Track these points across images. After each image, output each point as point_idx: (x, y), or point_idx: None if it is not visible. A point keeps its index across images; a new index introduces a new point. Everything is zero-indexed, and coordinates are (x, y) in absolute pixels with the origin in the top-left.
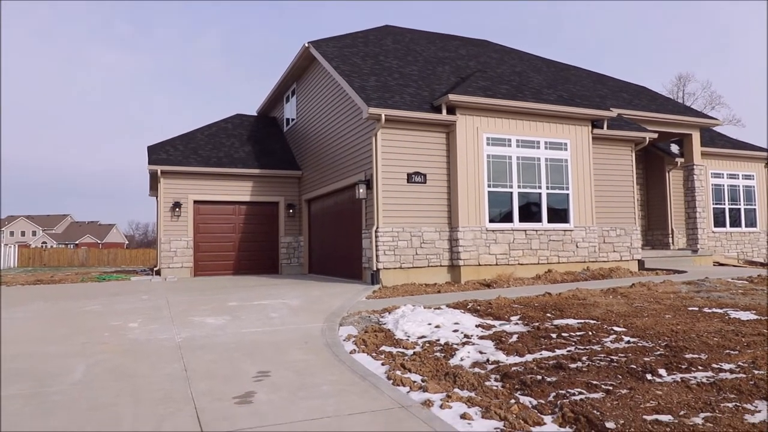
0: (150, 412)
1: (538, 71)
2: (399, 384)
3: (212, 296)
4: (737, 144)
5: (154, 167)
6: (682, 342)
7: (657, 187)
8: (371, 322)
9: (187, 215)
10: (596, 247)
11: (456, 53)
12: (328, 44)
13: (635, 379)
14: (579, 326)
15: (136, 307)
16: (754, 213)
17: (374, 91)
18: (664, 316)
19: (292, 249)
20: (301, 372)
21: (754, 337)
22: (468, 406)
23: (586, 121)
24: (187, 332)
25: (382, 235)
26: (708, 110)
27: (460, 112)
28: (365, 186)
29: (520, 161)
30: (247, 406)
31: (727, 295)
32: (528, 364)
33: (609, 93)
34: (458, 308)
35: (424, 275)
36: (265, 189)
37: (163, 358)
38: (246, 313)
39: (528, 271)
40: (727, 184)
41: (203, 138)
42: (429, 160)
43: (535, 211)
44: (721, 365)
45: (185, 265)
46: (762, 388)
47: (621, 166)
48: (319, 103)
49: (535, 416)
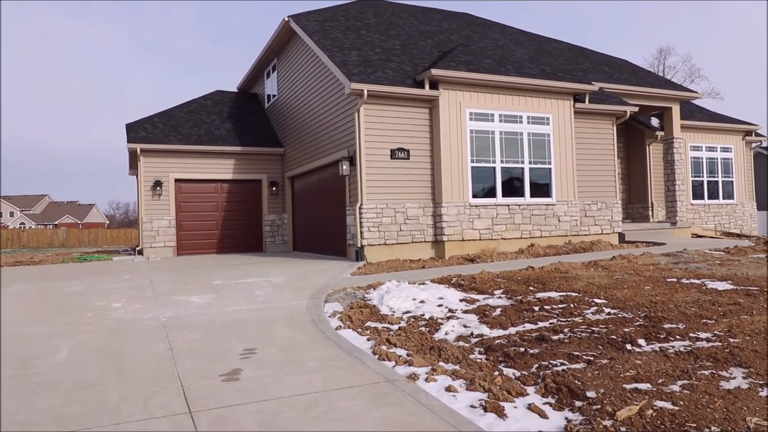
0: (136, 390)
1: (521, 45)
2: (385, 359)
3: (196, 275)
4: (716, 117)
5: (134, 145)
6: (661, 312)
7: (637, 160)
8: (356, 299)
9: (168, 194)
10: (578, 221)
11: (438, 27)
12: (309, 18)
13: (615, 350)
14: (561, 299)
15: (119, 287)
16: (732, 185)
17: (356, 66)
18: (644, 287)
19: (276, 227)
20: (287, 349)
21: (730, 307)
22: (453, 378)
23: (568, 95)
24: (171, 311)
25: (366, 211)
26: (688, 83)
27: (443, 87)
28: (348, 162)
29: (503, 136)
30: (233, 383)
31: (705, 266)
32: (511, 337)
33: (591, 67)
34: (442, 283)
35: (408, 251)
36: (247, 167)
37: (147, 337)
38: (231, 291)
39: (511, 246)
40: (705, 156)
41: (183, 115)
42: (412, 136)
43: (517, 186)
44: (698, 334)
45: (168, 245)
46: (737, 356)
47: (602, 140)
48: (301, 79)
49: (518, 387)
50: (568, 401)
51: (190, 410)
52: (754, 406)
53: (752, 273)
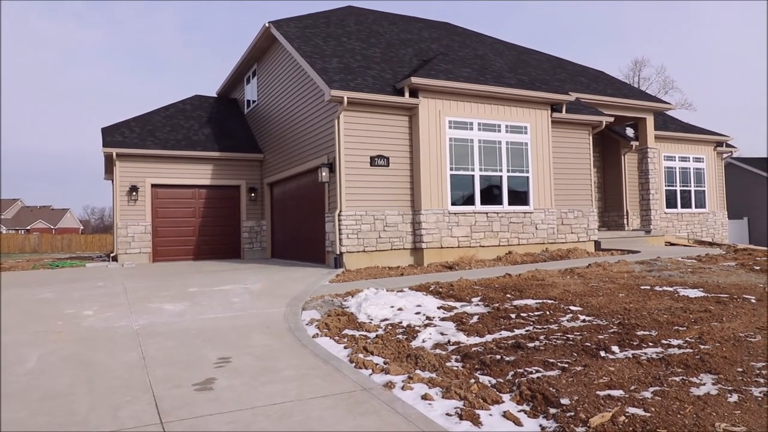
0: (106, 400)
1: (500, 55)
2: (361, 367)
3: (172, 282)
4: (689, 128)
5: (109, 150)
6: (635, 319)
7: (613, 169)
8: (334, 306)
9: (144, 199)
10: (555, 229)
11: (419, 35)
12: (290, 24)
13: (590, 357)
14: (537, 306)
15: (92, 294)
16: (704, 194)
17: (336, 73)
18: (618, 294)
19: (255, 233)
20: (263, 357)
21: (701, 314)
22: (429, 386)
23: (545, 105)
24: (145, 319)
25: (345, 218)
26: (662, 95)
27: (423, 95)
28: (328, 169)
29: (482, 144)
30: (207, 392)
31: (677, 274)
32: (488, 344)
33: (568, 77)
34: (421, 290)
35: (387, 258)
36: (225, 172)
37: (119, 345)
38: (206, 298)
39: (489, 253)
40: (678, 166)
41: (161, 120)
42: (392, 143)
43: (496, 194)
44: (670, 341)
45: (143, 251)
46: (707, 362)
47: (579, 149)
48: (281, 85)
49: (494, 395)
50: (543, 408)
51: (161, 421)
52: (723, 412)
53: (722, 281)
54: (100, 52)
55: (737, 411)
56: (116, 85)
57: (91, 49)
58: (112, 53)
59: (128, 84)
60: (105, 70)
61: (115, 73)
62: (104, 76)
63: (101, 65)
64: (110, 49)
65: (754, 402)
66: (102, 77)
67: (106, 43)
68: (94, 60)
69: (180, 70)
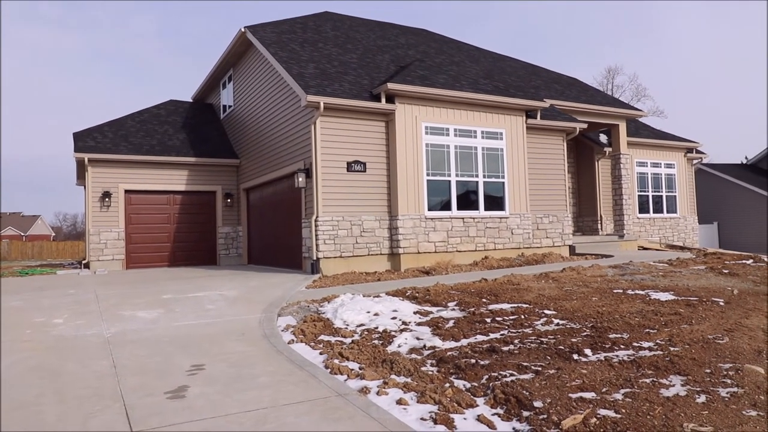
0: (75, 410)
1: (476, 61)
2: (337, 372)
3: (145, 289)
4: (660, 134)
5: (81, 155)
6: (607, 323)
7: (587, 175)
8: (310, 312)
9: (117, 205)
10: (530, 234)
11: (395, 42)
12: (266, 29)
13: (563, 360)
14: (512, 310)
15: (62, 302)
16: (675, 200)
17: (313, 79)
18: (592, 298)
19: (231, 239)
20: (238, 364)
21: (671, 317)
22: (404, 391)
23: (520, 111)
24: (117, 327)
25: (322, 224)
26: (634, 102)
27: (400, 101)
28: (305, 174)
29: (458, 150)
30: (179, 400)
31: (649, 278)
32: (463, 349)
33: (542, 84)
34: (397, 296)
35: (364, 264)
36: (201, 178)
37: (90, 354)
38: (181, 305)
39: (466, 258)
40: (650, 172)
41: (134, 124)
42: (369, 149)
43: (472, 199)
44: (641, 344)
45: (116, 258)
46: (676, 364)
47: (553, 155)
48: (257, 90)
49: (468, 398)
50: (516, 411)
51: (131, 430)
52: (691, 413)
53: (692, 284)
54: (74, 57)
55: (705, 411)
56: (90, 90)
57: (64, 53)
58: (85, 58)
59: (102, 89)
60: (78, 74)
61: (88, 78)
62: (78, 80)
63: (74, 70)
64: (84, 53)
65: (722, 402)
66: (76, 82)
67: (80, 48)
68: (67, 64)
69: (155, 75)
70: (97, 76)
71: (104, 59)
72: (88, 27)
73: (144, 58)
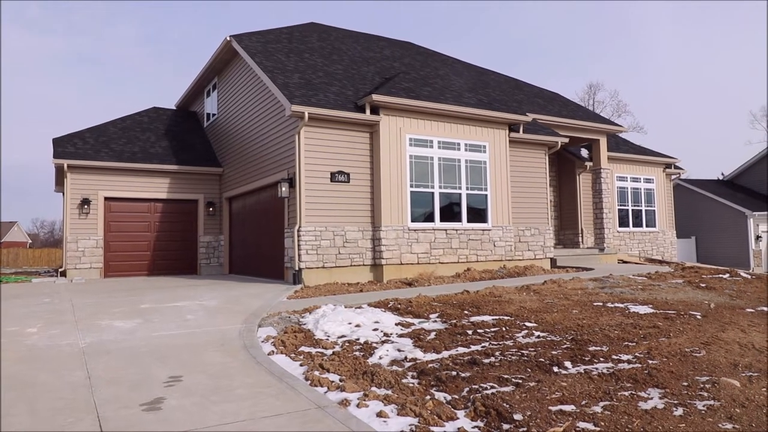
0: (48, 422)
1: (460, 75)
2: (317, 384)
3: (123, 298)
4: (639, 150)
5: (60, 161)
6: (587, 335)
7: (568, 189)
8: (291, 323)
9: (97, 212)
10: (512, 246)
11: (381, 54)
12: (252, 39)
13: (543, 372)
14: (494, 322)
15: (36, 310)
16: (654, 214)
17: (298, 89)
18: (572, 311)
19: (212, 248)
20: (216, 375)
21: (650, 330)
22: (384, 404)
23: (503, 124)
24: (92, 337)
25: (305, 234)
26: (615, 117)
27: (384, 112)
28: (288, 184)
29: (442, 162)
30: (155, 412)
31: (628, 291)
32: (444, 361)
33: (525, 98)
34: (379, 307)
35: (347, 274)
36: (183, 186)
37: (64, 365)
38: (159, 315)
39: (448, 270)
40: (630, 187)
41: (116, 131)
42: (353, 160)
43: (455, 211)
44: (620, 356)
45: (94, 266)
46: (654, 377)
47: (535, 168)
48: (241, 99)
49: (449, 411)
50: (497, 424)
51: None
52: (669, 426)
53: (671, 297)
54: (55, 62)
55: (682, 424)
56: (72, 96)
57: (45, 57)
58: (68, 63)
59: (84, 95)
60: (60, 80)
61: (70, 84)
62: (60, 86)
63: (56, 75)
64: (66, 58)
65: (698, 415)
66: (57, 87)
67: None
68: (48, 69)
69: (139, 82)
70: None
71: (86, 64)
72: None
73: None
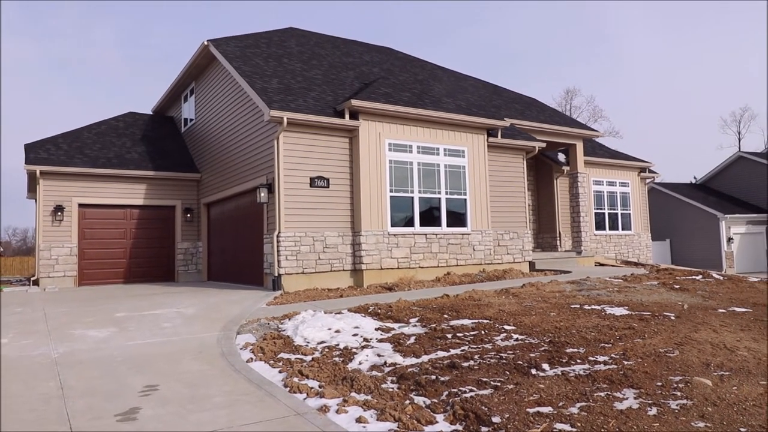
0: None
1: (439, 80)
2: (296, 391)
3: (98, 307)
4: (615, 154)
5: (33, 167)
6: (564, 337)
7: (546, 193)
8: (270, 329)
9: (70, 220)
10: (491, 250)
11: (360, 59)
12: (230, 43)
13: (521, 375)
14: (473, 326)
15: (8, 320)
16: (630, 217)
17: (276, 94)
18: (550, 313)
19: (190, 255)
20: (193, 384)
21: (626, 331)
22: (364, 409)
23: (482, 129)
24: (66, 347)
25: (284, 240)
26: (591, 123)
27: (363, 117)
28: (267, 190)
29: (421, 167)
30: (130, 423)
31: (605, 293)
32: (424, 365)
33: (503, 103)
34: (359, 312)
35: (327, 280)
36: (160, 192)
37: (36, 375)
38: (135, 323)
39: (428, 274)
40: (606, 190)
41: (91, 136)
42: (332, 165)
43: (435, 216)
44: (596, 358)
45: (68, 274)
46: (630, 378)
47: (514, 173)
48: (219, 104)
49: (428, 415)
50: (475, 427)
51: None
52: (643, 425)
53: (646, 299)
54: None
55: (656, 424)
56: (45, 101)
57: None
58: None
59: (58, 99)
60: (33, 84)
61: (43, 88)
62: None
63: (28, 79)
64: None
65: (672, 414)
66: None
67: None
68: (20, 73)
69: (115, 87)
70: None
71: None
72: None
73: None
